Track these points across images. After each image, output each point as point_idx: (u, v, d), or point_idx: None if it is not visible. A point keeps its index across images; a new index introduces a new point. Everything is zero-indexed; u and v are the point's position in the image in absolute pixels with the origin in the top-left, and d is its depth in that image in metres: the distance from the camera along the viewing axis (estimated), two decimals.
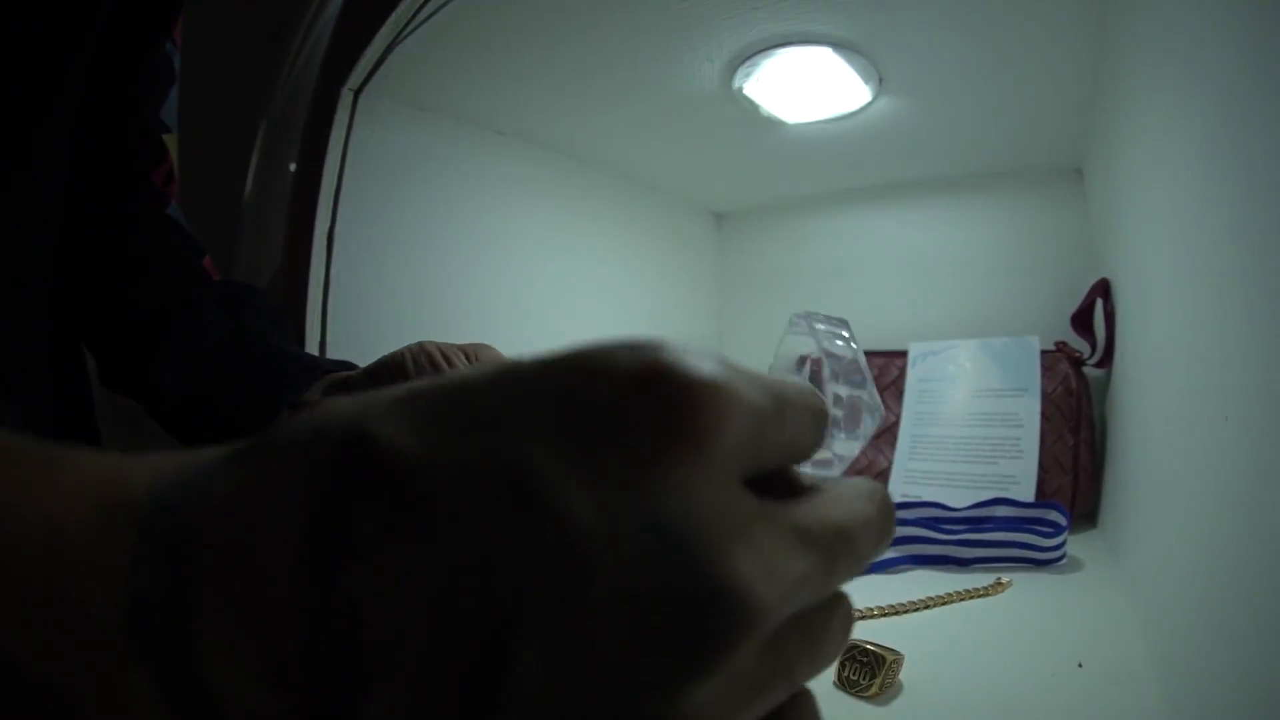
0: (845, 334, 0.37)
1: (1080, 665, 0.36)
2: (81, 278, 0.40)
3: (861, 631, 0.40)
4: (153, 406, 0.42)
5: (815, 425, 0.15)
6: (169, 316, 0.41)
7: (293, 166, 0.88)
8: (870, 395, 0.36)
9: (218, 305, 0.42)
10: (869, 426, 0.37)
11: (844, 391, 0.36)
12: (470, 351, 0.38)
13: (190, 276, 0.44)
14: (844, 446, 0.38)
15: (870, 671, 0.34)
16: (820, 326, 0.36)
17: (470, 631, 0.11)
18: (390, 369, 0.37)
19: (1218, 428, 0.32)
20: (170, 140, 0.45)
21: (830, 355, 0.36)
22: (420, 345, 0.38)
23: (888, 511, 0.15)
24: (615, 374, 0.12)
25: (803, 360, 0.36)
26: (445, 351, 0.37)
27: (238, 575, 0.12)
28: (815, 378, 0.36)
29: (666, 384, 0.12)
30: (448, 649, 0.11)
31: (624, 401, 0.12)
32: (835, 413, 0.36)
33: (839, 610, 0.15)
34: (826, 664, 0.15)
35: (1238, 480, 0.29)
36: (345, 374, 0.39)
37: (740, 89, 0.58)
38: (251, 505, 0.12)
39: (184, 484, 0.13)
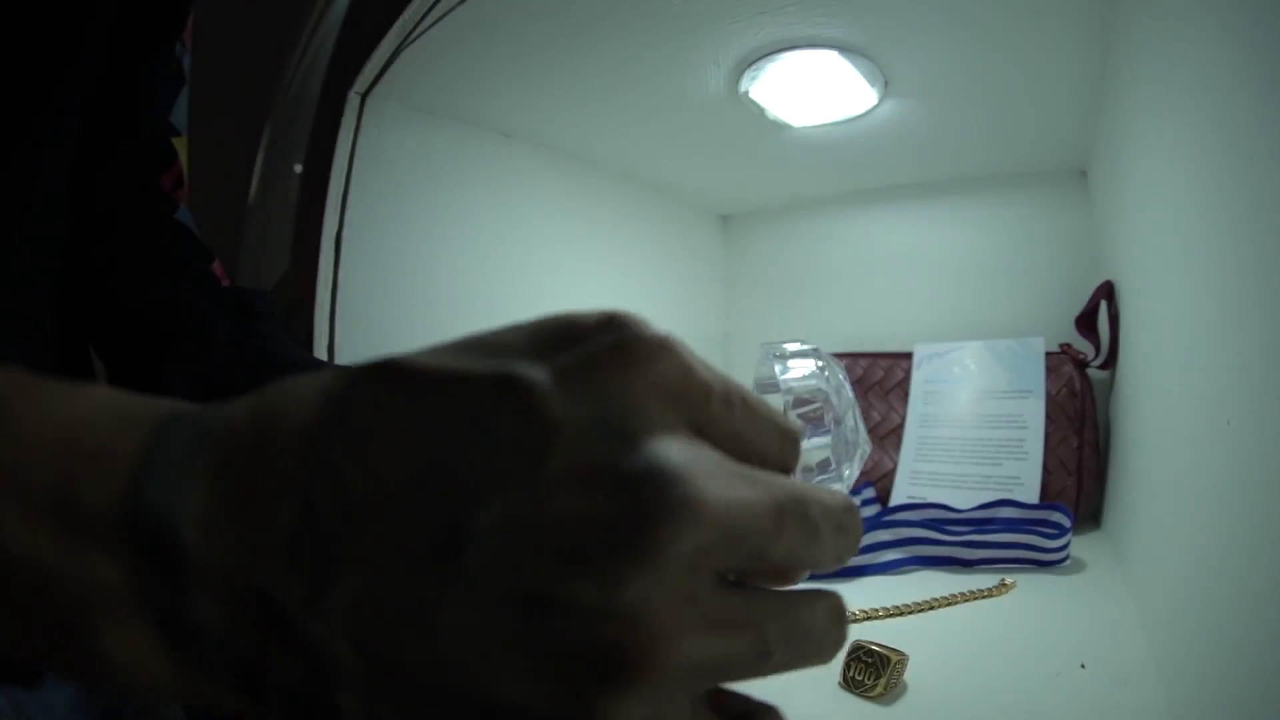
0: (816, 364, 0.35)
1: (1083, 666, 0.36)
2: (89, 284, 0.39)
3: (866, 632, 0.41)
4: None
5: (777, 436, 0.17)
6: (177, 326, 0.40)
7: (298, 168, 0.88)
8: (848, 433, 0.34)
9: (226, 313, 0.41)
10: (844, 467, 0.36)
11: (814, 439, 0.34)
12: None
13: (198, 283, 0.43)
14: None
15: (875, 672, 0.35)
16: (791, 358, 0.35)
17: (445, 489, 0.13)
18: None
19: (1220, 430, 0.32)
20: (180, 143, 0.44)
21: (798, 398, 0.34)
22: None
23: (848, 509, 0.17)
24: (585, 317, 0.15)
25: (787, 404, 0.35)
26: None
27: (233, 471, 0.13)
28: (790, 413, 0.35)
29: (619, 320, 0.15)
30: (424, 501, 0.13)
31: (588, 331, 0.15)
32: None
33: (823, 602, 0.16)
34: (812, 655, 0.16)
35: (1240, 482, 0.29)
36: None
37: (746, 92, 0.59)
38: (266, 412, 0.14)
39: (206, 407, 0.15)
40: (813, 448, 0.34)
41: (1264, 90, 0.28)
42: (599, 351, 0.14)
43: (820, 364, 0.35)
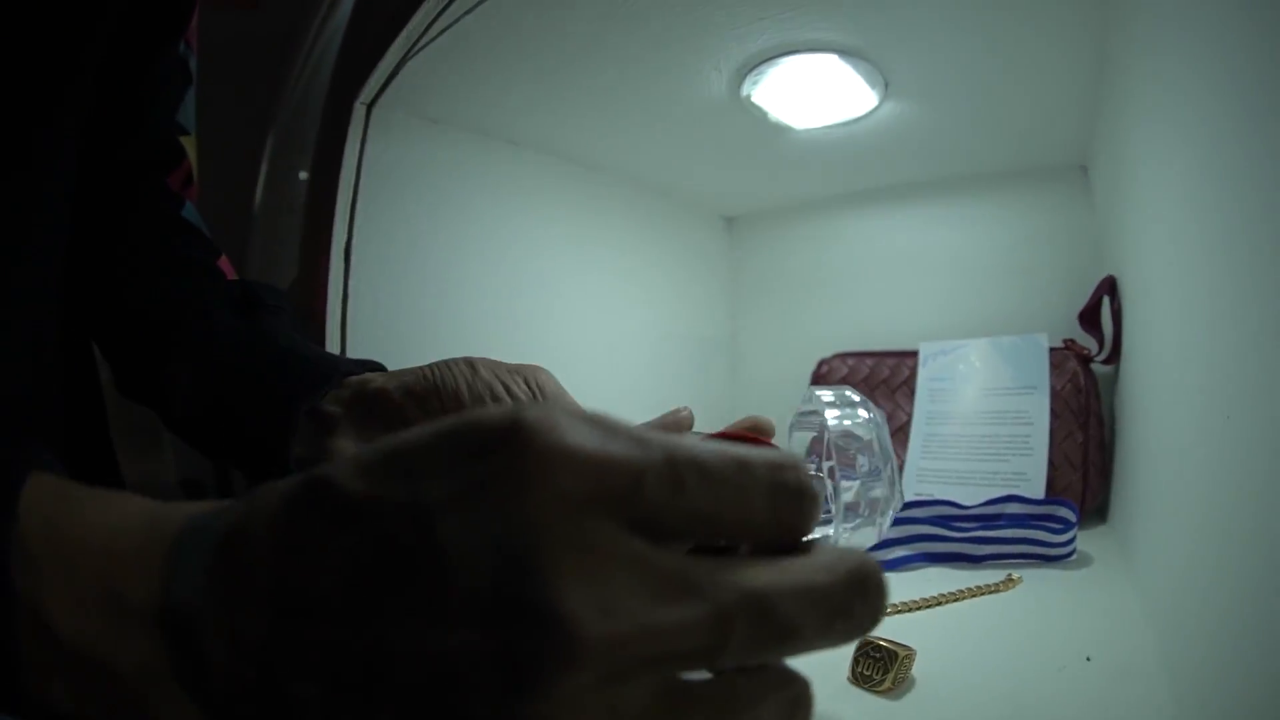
0: (862, 412, 0.35)
1: (1089, 659, 0.37)
2: (93, 282, 0.39)
3: (877, 627, 0.41)
4: (167, 414, 0.41)
5: (762, 496, 0.15)
6: (181, 322, 0.40)
7: (303, 174, 0.89)
8: (886, 484, 0.34)
9: (232, 308, 0.40)
10: (878, 517, 0.35)
11: (850, 480, 0.34)
12: (529, 376, 0.37)
13: (204, 278, 0.42)
14: (851, 534, 0.36)
15: (883, 667, 0.35)
16: (829, 405, 0.34)
17: (367, 618, 0.14)
18: (441, 395, 0.36)
19: (1223, 423, 0.32)
20: (188, 142, 0.44)
21: (837, 442, 0.34)
22: (475, 370, 0.36)
23: (854, 586, 0.15)
24: (488, 424, 0.15)
25: (816, 442, 0.35)
26: (504, 381, 0.36)
27: (230, 580, 0.16)
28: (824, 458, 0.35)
29: (521, 430, 0.14)
30: (354, 618, 0.14)
31: (492, 441, 0.14)
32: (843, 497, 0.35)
33: (783, 689, 0.15)
34: None
35: (1244, 476, 0.30)
36: (369, 379, 0.37)
37: (748, 96, 0.59)
38: (242, 528, 0.16)
39: (207, 514, 0.17)
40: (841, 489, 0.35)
41: (1263, 84, 0.28)
42: (498, 469, 0.14)
43: (869, 414, 0.36)
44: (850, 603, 0.15)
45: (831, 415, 0.34)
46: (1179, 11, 0.38)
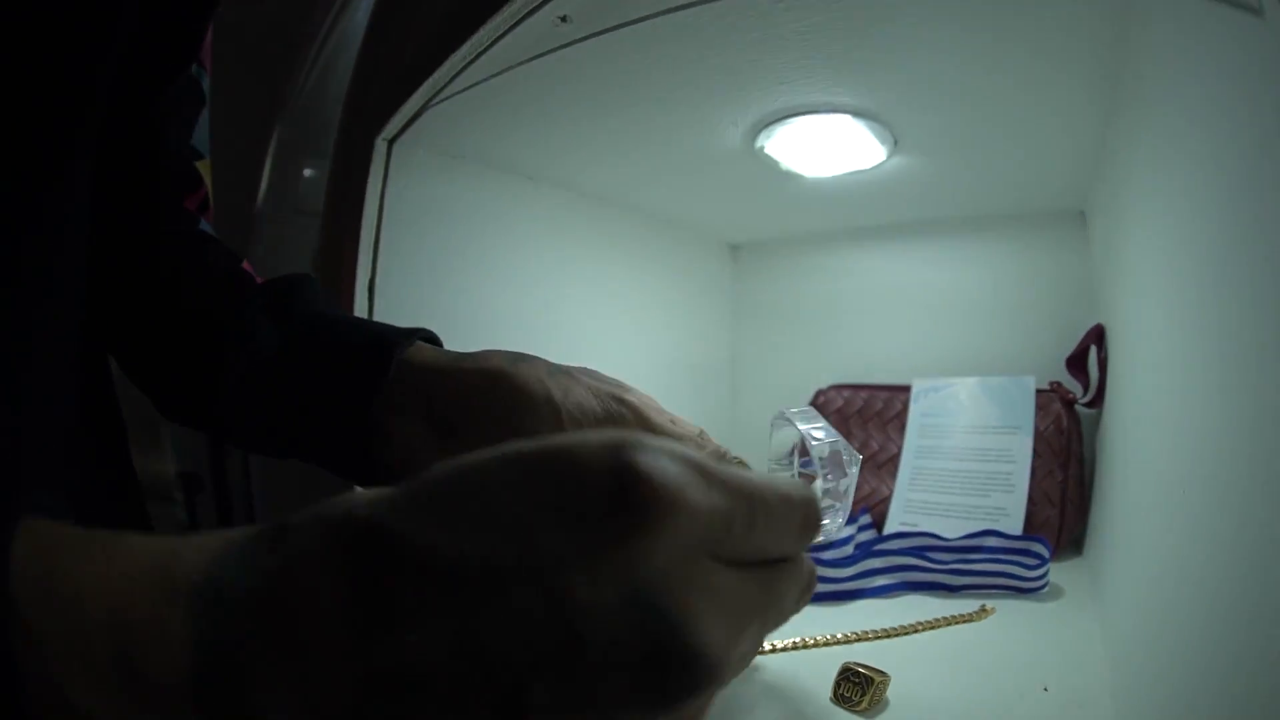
0: (820, 424, 0.39)
1: (1045, 689, 0.41)
2: (113, 305, 0.38)
3: (856, 652, 0.45)
4: (226, 432, 0.41)
5: (797, 529, 0.18)
6: (220, 336, 0.39)
7: (308, 171, 0.90)
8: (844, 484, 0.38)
9: (265, 312, 0.39)
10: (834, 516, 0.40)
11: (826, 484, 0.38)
12: (619, 395, 0.36)
13: (232, 287, 0.41)
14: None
15: (861, 690, 0.40)
16: (798, 421, 0.39)
17: (493, 678, 0.14)
18: (515, 393, 0.33)
19: (1194, 471, 0.36)
20: (203, 167, 0.43)
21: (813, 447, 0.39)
22: (567, 378, 0.34)
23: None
24: (588, 465, 0.15)
25: (793, 449, 0.39)
26: (595, 396, 0.35)
27: (285, 645, 0.14)
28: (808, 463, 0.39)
29: (628, 478, 0.15)
30: (475, 691, 0.14)
31: (595, 487, 0.15)
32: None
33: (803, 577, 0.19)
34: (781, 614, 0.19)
35: (1209, 522, 0.33)
36: (425, 360, 0.36)
37: (762, 148, 0.63)
38: (290, 584, 0.15)
39: (227, 562, 0.16)
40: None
41: (1258, 151, 0.30)
42: (617, 524, 0.14)
43: (821, 424, 0.40)
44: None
45: (819, 438, 0.38)
46: (1183, 74, 0.40)
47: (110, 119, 0.31)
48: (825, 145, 0.63)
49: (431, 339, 0.39)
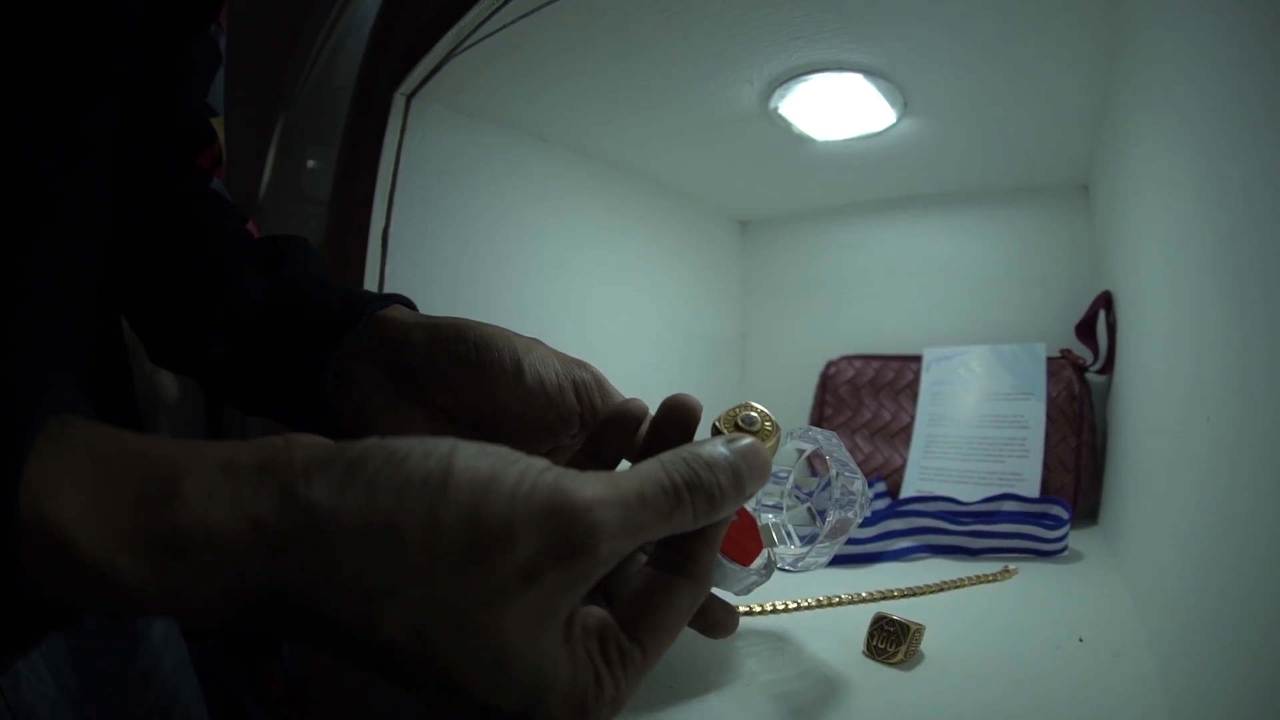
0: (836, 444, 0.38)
1: (1081, 640, 0.40)
2: (122, 258, 0.38)
3: (886, 609, 0.44)
4: (204, 379, 0.41)
5: (726, 497, 0.22)
6: (210, 287, 0.39)
7: (312, 163, 0.90)
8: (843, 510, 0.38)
9: (258, 265, 0.40)
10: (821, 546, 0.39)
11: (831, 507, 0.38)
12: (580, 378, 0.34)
13: (231, 242, 0.42)
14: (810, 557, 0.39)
15: (896, 640, 0.39)
16: (826, 448, 0.38)
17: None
18: (469, 358, 0.33)
19: (1204, 430, 0.35)
20: (217, 123, 0.44)
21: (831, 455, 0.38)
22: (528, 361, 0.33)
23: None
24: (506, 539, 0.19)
25: (801, 453, 0.39)
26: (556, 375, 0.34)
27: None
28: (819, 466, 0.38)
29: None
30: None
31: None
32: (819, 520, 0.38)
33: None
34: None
35: (1222, 478, 0.33)
36: (394, 323, 0.35)
37: (775, 108, 0.62)
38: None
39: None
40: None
41: (1257, 117, 0.30)
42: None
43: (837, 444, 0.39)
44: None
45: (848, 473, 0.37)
46: (1183, 43, 0.40)
47: (132, 76, 0.31)
48: (837, 106, 0.62)
49: (409, 305, 0.39)
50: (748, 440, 0.23)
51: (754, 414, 0.29)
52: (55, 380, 0.18)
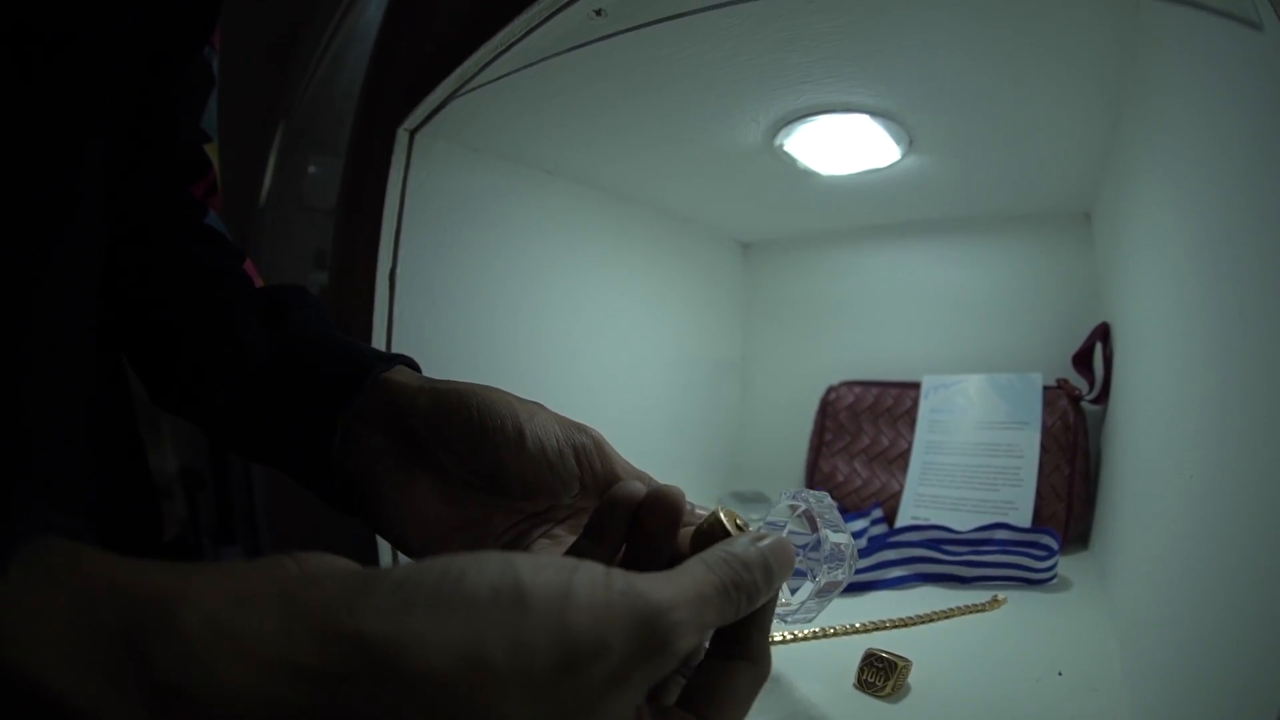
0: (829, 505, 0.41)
1: (1060, 674, 0.42)
2: (119, 296, 0.38)
3: (875, 640, 0.47)
4: (207, 427, 0.41)
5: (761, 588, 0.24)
6: (210, 334, 0.39)
7: (313, 168, 0.90)
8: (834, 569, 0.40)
9: (259, 316, 0.39)
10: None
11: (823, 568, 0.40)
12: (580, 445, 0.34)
13: (230, 287, 0.41)
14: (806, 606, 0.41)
15: (885, 675, 0.41)
16: (817, 510, 0.40)
17: None
18: (472, 428, 0.33)
19: (1196, 466, 0.37)
20: (211, 149, 0.43)
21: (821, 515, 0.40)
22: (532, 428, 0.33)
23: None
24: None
25: (794, 510, 0.41)
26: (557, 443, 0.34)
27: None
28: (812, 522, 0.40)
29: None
30: None
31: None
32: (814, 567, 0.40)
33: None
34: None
35: (1204, 515, 0.35)
36: (400, 388, 0.35)
37: (780, 145, 0.64)
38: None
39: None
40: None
41: (1259, 155, 0.31)
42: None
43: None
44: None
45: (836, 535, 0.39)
46: (1191, 81, 0.41)
47: (124, 101, 0.30)
48: (842, 144, 0.64)
49: (412, 365, 0.39)
50: (774, 538, 0.25)
51: (738, 521, 0.29)
52: (29, 497, 0.17)
